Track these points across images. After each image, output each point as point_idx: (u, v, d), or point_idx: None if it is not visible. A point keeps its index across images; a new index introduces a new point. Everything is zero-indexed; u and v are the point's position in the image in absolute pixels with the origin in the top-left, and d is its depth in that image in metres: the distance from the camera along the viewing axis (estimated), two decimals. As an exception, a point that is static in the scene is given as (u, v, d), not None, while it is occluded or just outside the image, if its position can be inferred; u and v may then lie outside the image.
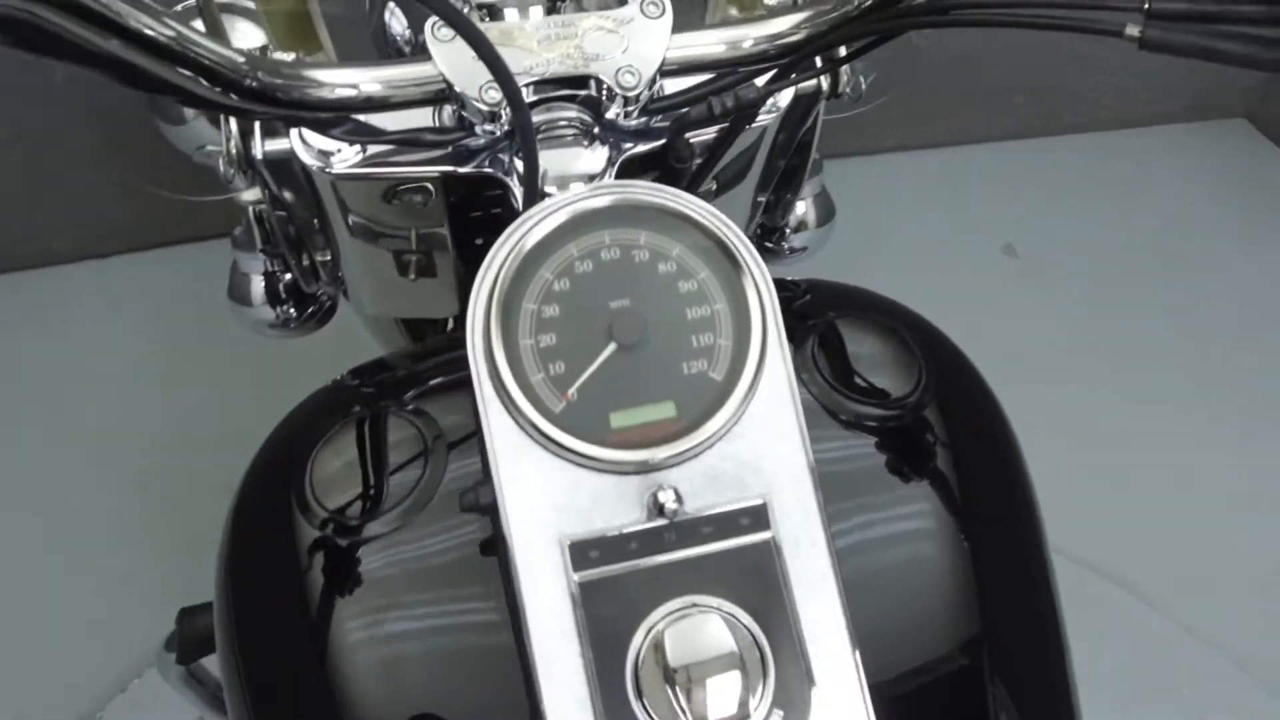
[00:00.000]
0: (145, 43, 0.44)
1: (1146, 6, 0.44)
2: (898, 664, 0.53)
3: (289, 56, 0.59)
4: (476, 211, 0.68)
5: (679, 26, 0.56)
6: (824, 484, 0.46)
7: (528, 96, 0.56)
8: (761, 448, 0.45)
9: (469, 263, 0.72)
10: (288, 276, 0.80)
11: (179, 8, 0.66)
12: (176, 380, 1.92)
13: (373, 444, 0.56)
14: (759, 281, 0.47)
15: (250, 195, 0.70)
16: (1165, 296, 2.14)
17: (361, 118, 0.57)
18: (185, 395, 1.89)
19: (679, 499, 0.44)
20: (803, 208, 0.89)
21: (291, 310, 0.82)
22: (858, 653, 0.44)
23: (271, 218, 0.71)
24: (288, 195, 0.66)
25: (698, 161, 0.63)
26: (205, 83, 0.47)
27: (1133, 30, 0.44)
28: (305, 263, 0.76)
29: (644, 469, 0.44)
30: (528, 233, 0.46)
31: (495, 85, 0.52)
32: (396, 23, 0.74)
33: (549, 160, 0.57)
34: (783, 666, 0.43)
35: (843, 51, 0.59)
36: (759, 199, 0.82)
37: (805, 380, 0.57)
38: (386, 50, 0.74)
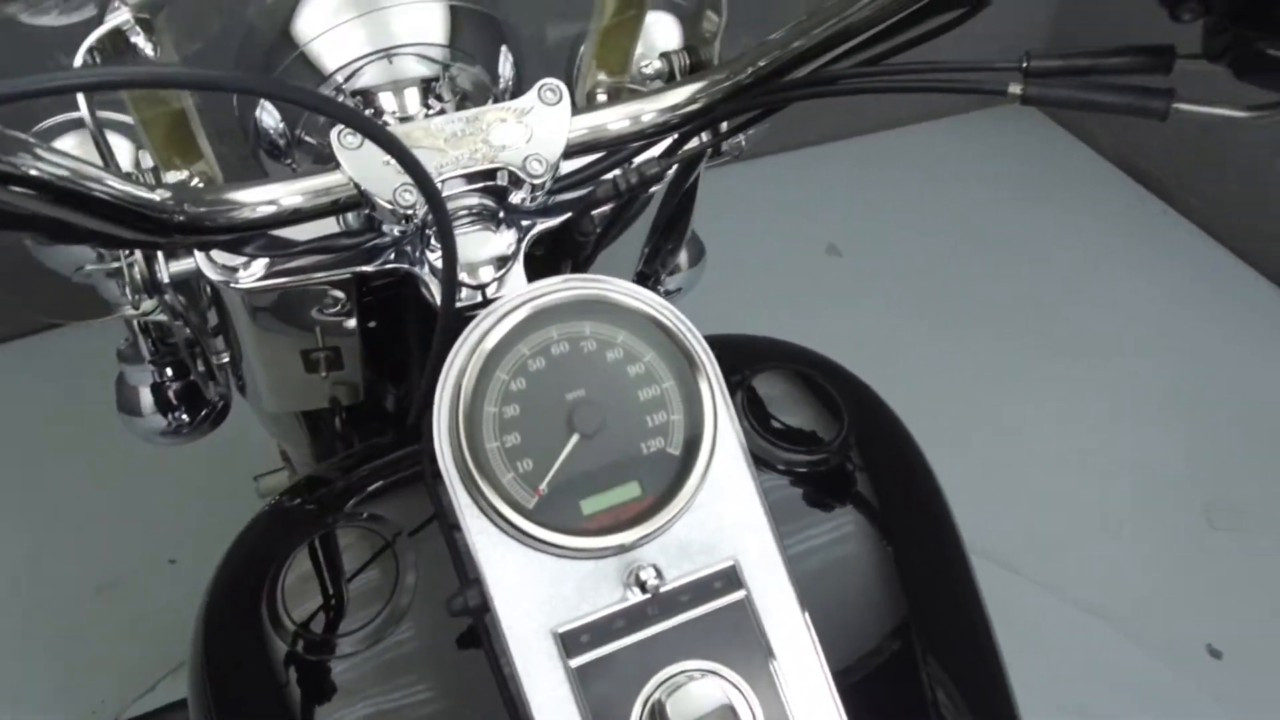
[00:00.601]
0: (62, 194, 0.43)
1: (1025, 66, 0.49)
2: (858, 672, 0.58)
3: (182, 175, 0.58)
4: (371, 296, 0.68)
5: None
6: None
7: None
8: (724, 512, 0.49)
9: (372, 347, 0.72)
10: (178, 384, 0.78)
11: (47, 125, 0.63)
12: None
13: (338, 558, 0.56)
14: (701, 356, 0.50)
15: (137, 310, 0.68)
16: (977, 275, 2.32)
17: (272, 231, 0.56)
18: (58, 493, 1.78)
19: (659, 575, 0.46)
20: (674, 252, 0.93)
21: (184, 416, 0.79)
22: (834, 689, 0.48)
23: (163, 327, 0.69)
24: (186, 308, 0.65)
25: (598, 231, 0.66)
26: (127, 225, 0.46)
27: (1015, 89, 0.49)
28: (200, 368, 0.74)
29: (621, 551, 0.47)
30: (480, 342, 0.48)
31: (410, 188, 0.53)
32: (268, 117, 0.73)
33: (458, 246, 0.58)
34: (769, 709, 0.47)
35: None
36: (643, 250, 0.86)
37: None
38: (265, 150, 0.73)
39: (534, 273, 0.71)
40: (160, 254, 0.58)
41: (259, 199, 0.53)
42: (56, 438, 1.87)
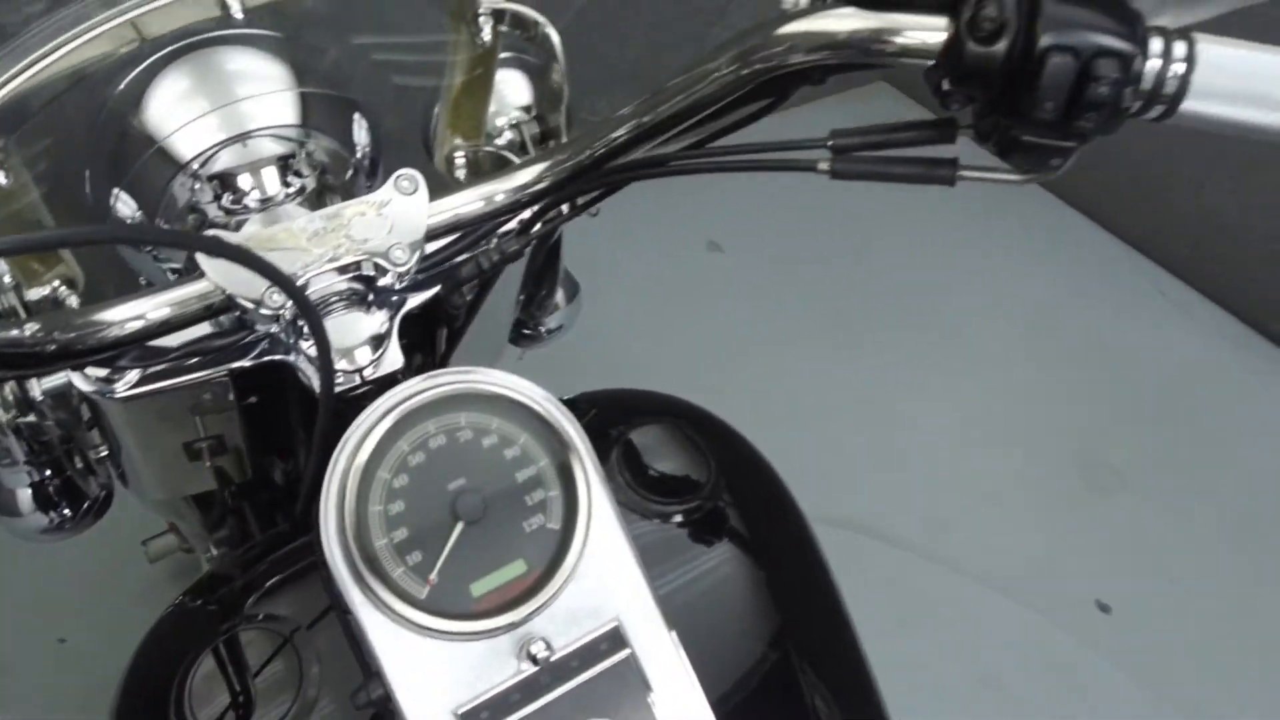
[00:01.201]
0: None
1: (830, 144, 0.54)
2: (740, 695, 0.63)
3: (44, 290, 0.58)
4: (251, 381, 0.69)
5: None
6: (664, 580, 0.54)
7: (308, 291, 0.59)
8: (604, 576, 0.52)
9: (256, 426, 0.73)
10: (57, 480, 0.77)
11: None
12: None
13: (242, 659, 0.57)
14: (571, 434, 0.53)
15: (9, 414, 0.67)
16: (855, 265, 2.42)
17: None
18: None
19: (549, 646, 0.50)
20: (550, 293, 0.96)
21: (66, 511, 0.79)
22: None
23: (36, 428, 0.69)
24: (62, 415, 0.65)
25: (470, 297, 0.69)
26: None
27: (823, 165, 0.54)
28: (79, 464, 0.73)
29: (512, 628, 0.50)
30: (359, 446, 0.50)
31: (277, 290, 0.55)
32: (123, 206, 0.73)
33: (331, 331, 0.60)
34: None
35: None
36: (519, 298, 0.88)
37: (616, 493, 0.65)
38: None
39: (411, 345, 0.74)
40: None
41: (128, 315, 0.54)
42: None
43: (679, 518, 0.66)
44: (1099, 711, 1.68)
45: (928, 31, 0.47)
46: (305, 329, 0.61)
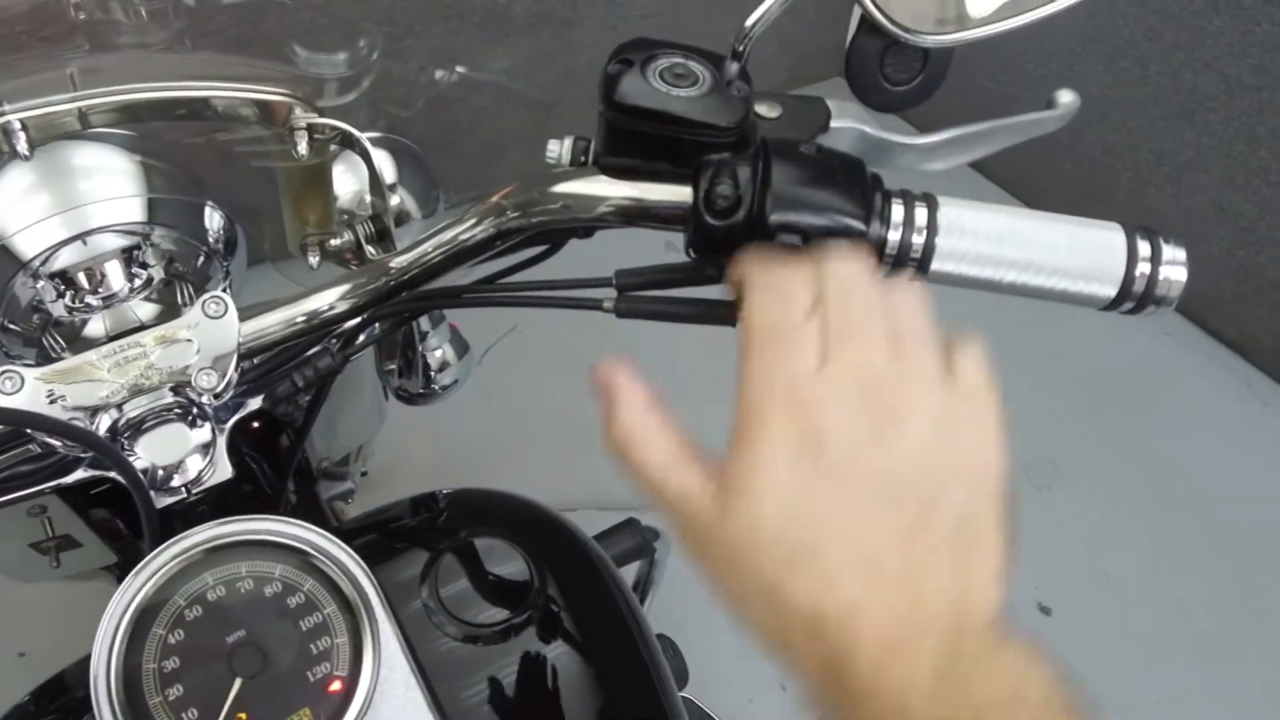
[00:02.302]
0: None
1: (616, 283, 0.53)
2: None
3: None
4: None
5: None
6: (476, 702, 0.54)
7: (117, 416, 0.58)
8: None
9: (106, 507, 0.73)
10: None
11: None
12: None
13: None
14: (358, 577, 0.53)
15: None
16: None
17: None
18: None
19: None
20: (439, 352, 0.95)
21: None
22: None
23: None
24: None
25: (307, 399, 0.68)
26: None
27: (609, 304, 0.53)
28: None
29: None
30: (130, 603, 0.50)
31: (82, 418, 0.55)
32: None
33: (157, 444, 0.60)
34: None
35: None
36: (388, 368, 0.88)
37: (432, 614, 0.65)
38: None
39: (253, 445, 0.73)
40: None
41: None
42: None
43: (499, 631, 0.65)
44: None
45: (675, 200, 0.46)
46: (125, 444, 0.61)
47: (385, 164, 0.79)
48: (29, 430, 0.55)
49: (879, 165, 0.48)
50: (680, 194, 0.47)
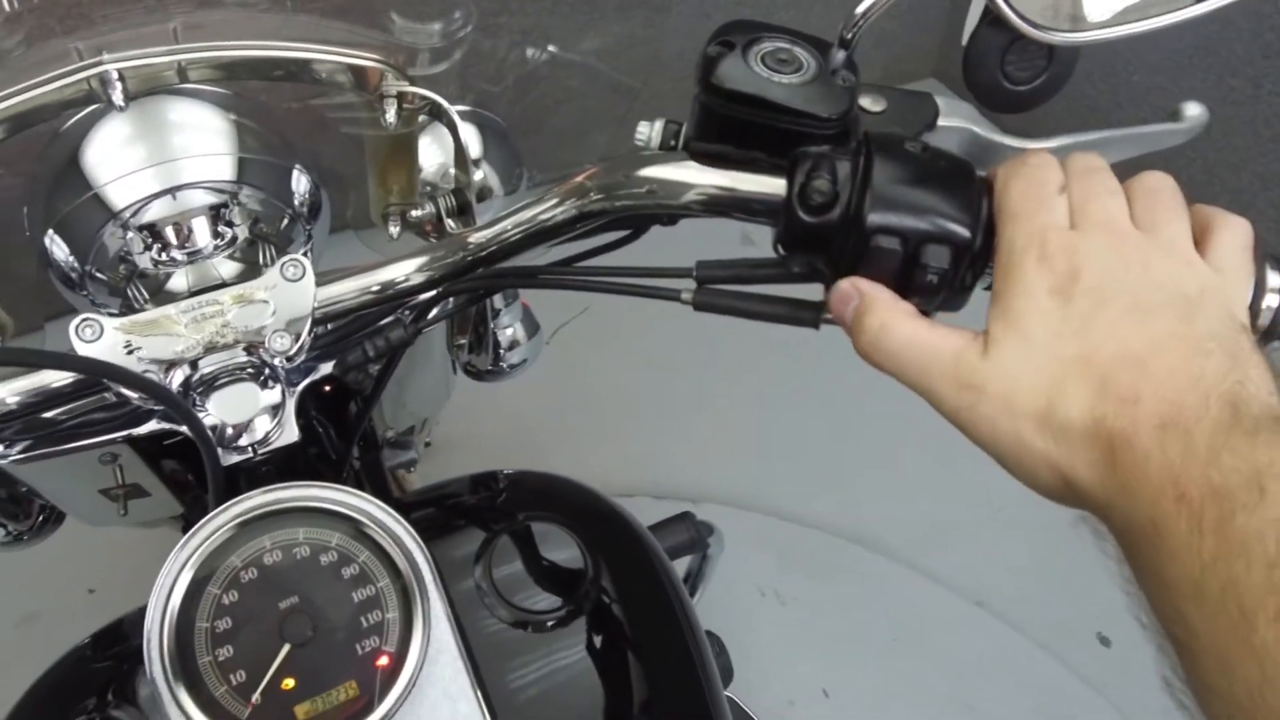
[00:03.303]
0: None
1: (695, 275, 0.51)
2: None
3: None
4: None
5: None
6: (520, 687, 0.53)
7: (190, 372, 0.58)
8: (440, 701, 0.51)
9: (175, 459, 0.74)
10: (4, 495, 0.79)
11: None
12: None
13: None
14: (415, 555, 0.52)
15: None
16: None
17: None
18: None
19: None
20: (510, 331, 0.95)
21: (22, 527, 0.81)
22: None
23: None
24: None
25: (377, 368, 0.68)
26: None
27: (687, 296, 0.51)
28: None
29: None
30: (189, 559, 0.50)
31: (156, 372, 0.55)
32: (59, 250, 0.73)
33: (227, 402, 0.60)
34: None
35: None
36: (458, 343, 0.87)
37: (484, 596, 0.64)
38: (59, 280, 0.74)
39: (321, 410, 0.73)
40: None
41: (9, 393, 0.55)
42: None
43: (550, 619, 0.64)
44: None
45: (767, 192, 0.44)
46: (196, 400, 0.61)
47: (471, 138, 0.78)
48: (105, 379, 0.55)
49: (988, 169, 0.45)
50: (773, 186, 0.45)
